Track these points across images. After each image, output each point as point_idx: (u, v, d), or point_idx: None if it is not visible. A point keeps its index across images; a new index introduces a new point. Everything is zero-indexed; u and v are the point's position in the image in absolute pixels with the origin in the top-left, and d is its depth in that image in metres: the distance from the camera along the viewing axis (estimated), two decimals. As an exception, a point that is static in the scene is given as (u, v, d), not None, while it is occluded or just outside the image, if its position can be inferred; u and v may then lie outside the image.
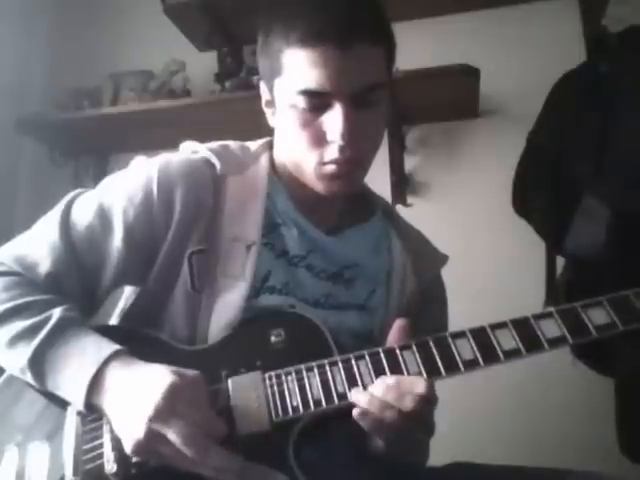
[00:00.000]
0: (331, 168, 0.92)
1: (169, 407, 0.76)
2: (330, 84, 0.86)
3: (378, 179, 1.14)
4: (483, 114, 2.08)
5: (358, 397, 0.82)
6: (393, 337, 0.87)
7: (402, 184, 2.06)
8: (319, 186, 0.95)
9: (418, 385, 0.80)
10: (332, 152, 0.90)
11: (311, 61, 0.86)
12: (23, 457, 0.85)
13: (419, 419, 0.80)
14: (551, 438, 1.77)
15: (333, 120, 0.88)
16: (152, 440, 0.77)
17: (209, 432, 0.77)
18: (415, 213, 1.83)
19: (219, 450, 0.77)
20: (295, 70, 0.88)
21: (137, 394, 0.79)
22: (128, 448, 0.79)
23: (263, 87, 0.99)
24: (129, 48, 2.38)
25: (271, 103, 0.98)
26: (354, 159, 0.91)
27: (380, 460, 0.89)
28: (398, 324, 0.88)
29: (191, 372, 0.81)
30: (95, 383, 0.82)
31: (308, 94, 0.88)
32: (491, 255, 1.97)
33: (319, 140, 0.90)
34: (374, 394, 0.81)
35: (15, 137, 2.28)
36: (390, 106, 0.99)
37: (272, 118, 1.00)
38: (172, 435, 0.75)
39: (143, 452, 0.79)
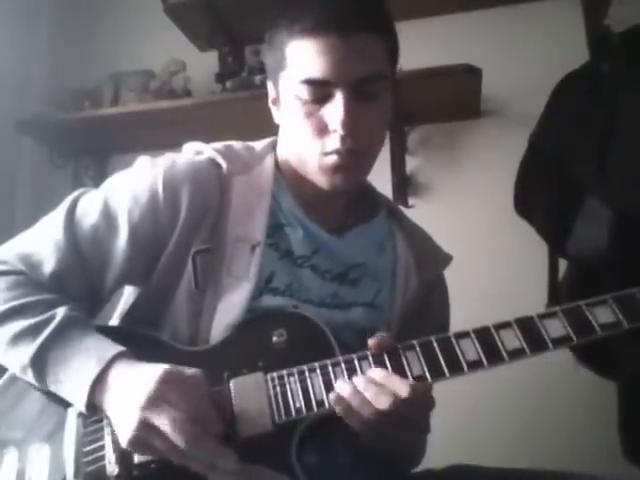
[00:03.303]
0: (332, 159, 0.92)
1: (161, 395, 0.76)
2: (331, 73, 0.88)
3: (379, 180, 1.14)
4: (485, 114, 2.07)
5: (342, 387, 0.81)
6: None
7: (403, 185, 2.05)
8: (321, 180, 0.95)
9: (401, 388, 0.78)
10: (333, 142, 0.91)
11: (313, 51, 0.88)
12: (23, 459, 0.84)
13: (401, 419, 0.79)
14: (553, 441, 1.76)
15: (334, 109, 0.89)
16: (144, 430, 0.76)
17: (203, 425, 0.76)
18: (416, 214, 1.80)
19: (212, 444, 0.76)
20: (298, 61, 0.90)
21: (134, 389, 0.79)
22: (124, 442, 0.78)
23: (269, 85, 1.01)
24: (129, 48, 2.37)
25: (277, 100, 0.99)
26: (355, 150, 0.92)
27: (381, 462, 0.88)
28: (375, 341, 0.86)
29: (191, 369, 0.81)
30: (98, 384, 0.81)
31: (310, 83, 0.89)
32: (493, 256, 1.96)
33: (321, 130, 0.92)
34: (357, 387, 0.80)
35: (15, 137, 2.27)
36: (393, 106, 1.00)
37: (277, 115, 1.02)
38: (163, 421, 0.75)
39: (138, 444, 0.78)
